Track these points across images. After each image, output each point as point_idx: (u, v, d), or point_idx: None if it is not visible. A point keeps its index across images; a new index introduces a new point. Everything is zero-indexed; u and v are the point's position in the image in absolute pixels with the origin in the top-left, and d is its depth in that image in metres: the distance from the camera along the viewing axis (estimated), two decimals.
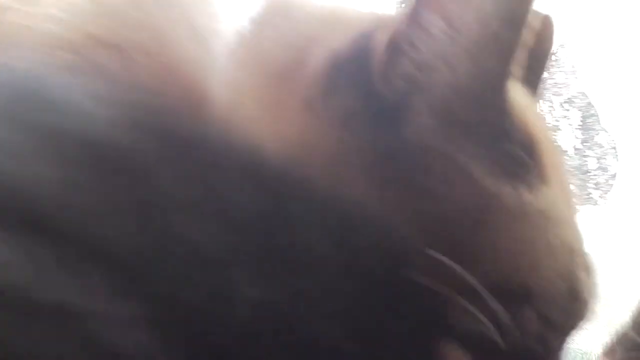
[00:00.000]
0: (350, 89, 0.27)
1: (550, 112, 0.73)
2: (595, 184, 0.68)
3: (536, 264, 0.28)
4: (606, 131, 0.68)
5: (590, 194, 0.69)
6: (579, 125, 0.70)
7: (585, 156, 0.69)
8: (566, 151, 0.72)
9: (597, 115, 0.68)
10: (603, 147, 0.68)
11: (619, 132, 0.67)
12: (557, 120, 0.72)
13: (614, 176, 0.67)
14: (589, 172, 0.69)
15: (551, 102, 0.72)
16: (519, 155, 0.27)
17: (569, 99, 0.71)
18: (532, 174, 0.28)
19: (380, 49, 0.25)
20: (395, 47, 0.26)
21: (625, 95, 0.67)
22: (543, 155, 0.29)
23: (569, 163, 0.70)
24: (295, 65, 0.28)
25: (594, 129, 0.69)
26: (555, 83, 0.73)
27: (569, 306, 0.28)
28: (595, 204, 0.69)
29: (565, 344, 0.33)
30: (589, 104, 0.69)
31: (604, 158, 0.67)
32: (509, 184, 0.27)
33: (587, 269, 0.30)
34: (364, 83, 0.26)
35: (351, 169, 0.26)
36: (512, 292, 0.27)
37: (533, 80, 0.37)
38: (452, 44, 0.26)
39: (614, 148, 0.67)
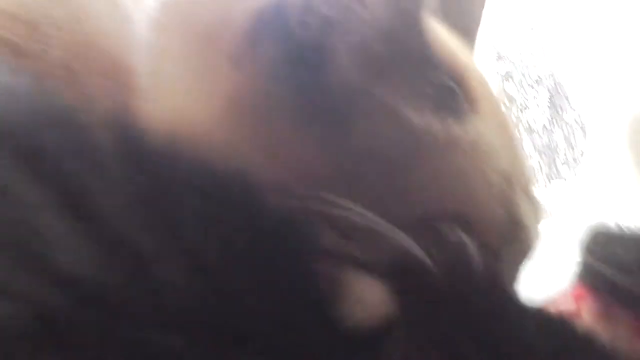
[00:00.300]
0: (273, 39, 0.27)
1: (520, 92, 0.75)
2: (564, 161, 0.70)
3: (470, 193, 0.29)
4: (574, 109, 0.70)
5: (559, 170, 0.71)
6: (548, 104, 0.72)
7: (553, 134, 0.72)
8: (535, 130, 0.74)
9: (565, 94, 0.71)
10: (571, 125, 0.70)
11: (587, 110, 0.70)
12: (526, 100, 0.75)
13: (582, 153, 0.69)
14: (558, 149, 0.71)
15: (521, 82, 0.75)
16: (447, 84, 0.28)
17: (537, 78, 0.73)
18: (461, 103, 0.29)
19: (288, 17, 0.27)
20: (285, 15, 0.27)
21: (592, 74, 0.69)
22: (472, 85, 0.30)
23: (538, 141, 0.72)
24: (221, 24, 0.28)
25: (562, 108, 0.71)
26: (525, 64, 0.75)
27: (509, 232, 0.30)
28: (565, 180, 0.71)
29: (517, 275, 0.34)
30: (557, 83, 0.71)
31: (572, 135, 0.70)
32: (437, 117, 0.28)
33: (528, 195, 0.31)
34: (285, 31, 0.27)
35: (277, 119, 0.28)
36: (448, 221, 0.28)
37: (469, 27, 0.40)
38: None
39: (582, 126, 0.69)
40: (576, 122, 0.69)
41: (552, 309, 0.30)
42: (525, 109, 0.74)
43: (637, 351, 0.29)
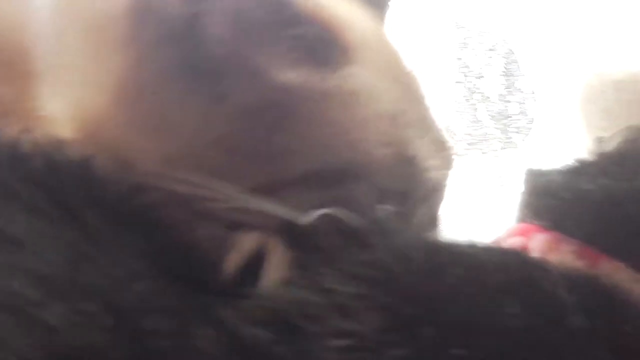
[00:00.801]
0: (153, 19, 0.28)
1: (476, 60, 0.75)
2: (517, 128, 0.71)
3: (355, 141, 0.30)
4: (526, 77, 0.71)
5: (511, 138, 0.72)
6: (502, 71, 0.72)
7: (507, 102, 0.72)
8: (490, 97, 0.74)
9: (517, 61, 0.71)
10: (523, 92, 0.71)
11: (537, 77, 0.70)
12: (481, 68, 0.75)
13: (532, 120, 0.70)
14: (511, 117, 0.72)
15: (475, 50, 0.75)
16: (319, 38, 0.30)
17: (492, 46, 0.73)
18: (336, 54, 0.31)
19: None
20: None
21: (545, 42, 0.70)
22: (348, 37, 0.31)
23: (493, 109, 0.73)
24: (108, 10, 0.29)
25: (515, 75, 0.72)
26: (481, 32, 0.75)
27: (404, 171, 0.31)
28: (517, 147, 0.72)
29: (433, 216, 0.35)
30: (510, 50, 0.72)
31: (524, 103, 0.71)
32: (311, 71, 0.30)
33: (426, 132, 0.32)
34: (164, 10, 0.28)
35: (161, 97, 0.29)
36: (337, 173, 0.29)
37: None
38: None
39: (533, 92, 0.70)
40: (528, 89, 0.70)
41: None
42: (481, 77, 0.74)
43: None
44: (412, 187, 0.32)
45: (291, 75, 0.30)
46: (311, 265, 0.26)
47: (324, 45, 0.31)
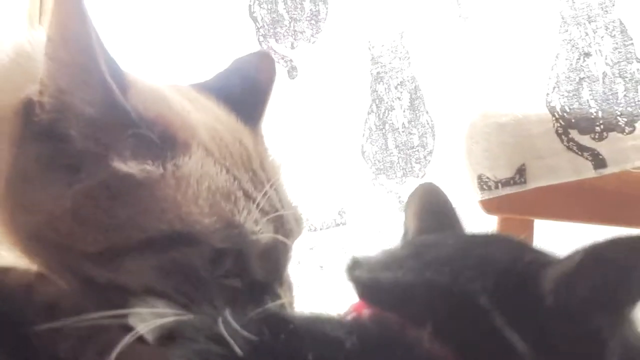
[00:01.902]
0: (31, 122, 0.39)
1: (387, 94, 0.82)
2: (417, 159, 0.78)
3: (185, 213, 0.38)
4: (428, 112, 0.77)
5: (413, 167, 0.79)
6: (408, 105, 0.79)
7: (411, 134, 0.79)
8: (398, 128, 0.81)
9: (422, 98, 0.78)
10: (425, 126, 0.77)
11: (438, 114, 0.77)
12: (392, 101, 0.81)
13: (431, 152, 0.77)
14: (413, 148, 0.79)
15: (388, 84, 0.81)
16: (150, 137, 0.39)
17: (401, 82, 0.79)
18: (172, 147, 0.39)
19: (36, 103, 0.39)
20: (35, 102, 0.39)
21: (445, 81, 0.76)
22: (183, 134, 0.41)
23: (398, 139, 0.80)
24: (6, 110, 0.40)
25: (419, 110, 0.78)
26: (393, 68, 0.81)
27: (230, 234, 0.39)
28: (417, 176, 0.79)
29: (275, 269, 0.43)
30: (417, 87, 0.78)
31: (425, 136, 0.77)
32: (148, 161, 0.39)
33: (249, 198, 0.41)
34: (36, 115, 0.39)
35: (34, 182, 0.39)
36: (171, 239, 0.37)
37: (254, 107, 0.50)
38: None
39: (432, 127, 0.76)
40: (428, 123, 0.76)
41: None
42: (392, 109, 0.81)
43: None
44: (241, 246, 0.39)
45: (131, 164, 0.38)
46: None
47: (161, 140, 0.39)
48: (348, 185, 0.86)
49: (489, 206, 0.76)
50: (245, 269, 0.41)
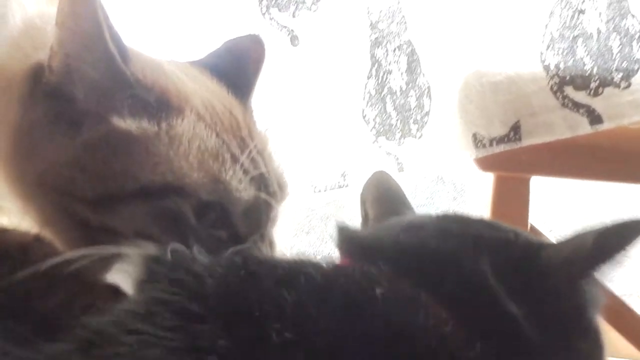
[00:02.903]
0: (40, 83, 0.43)
1: (385, 58, 0.83)
2: (414, 121, 0.79)
3: (177, 167, 0.41)
4: (424, 75, 0.78)
5: (411, 128, 0.80)
6: (405, 69, 0.80)
7: (408, 96, 0.80)
8: (396, 92, 0.82)
9: (419, 61, 0.79)
10: (421, 88, 0.79)
11: (434, 75, 0.78)
12: (390, 65, 0.83)
13: (427, 113, 0.78)
14: (411, 110, 0.80)
15: (386, 49, 0.82)
16: (147, 99, 0.41)
17: (399, 46, 0.81)
18: (166, 109, 0.42)
19: (46, 67, 0.43)
20: (45, 66, 0.43)
21: (440, 43, 0.77)
22: (176, 98, 0.44)
23: (397, 102, 0.81)
24: (14, 75, 0.44)
25: (416, 73, 0.79)
26: (390, 32, 0.82)
27: (216, 189, 0.42)
28: (415, 137, 0.80)
29: (257, 225, 0.46)
30: (413, 50, 0.79)
31: (422, 98, 0.78)
32: (144, 120, 0.42)
33: (235, 161, 0.44)
34: (46, 77, 0.43)
35: (40, 136, 0.43)
36: (162, 189, 0.40)
37: (244, 84, 0.53)
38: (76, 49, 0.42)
39: (428, 89, 0.78)
40: (425, 85, 0.78)
41: None
42: (390, 72, 0.82)
43: None
44: (225, 201, 0.43)
45: (128, 122, 0.42)
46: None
47: (157, 105, 0.43)
48: (350, 148, 0.88)
49: (484, 164, 0.77)
50: (229, 223, 0.44)
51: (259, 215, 0.47)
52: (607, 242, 0.33)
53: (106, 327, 0.26)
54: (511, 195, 0.76)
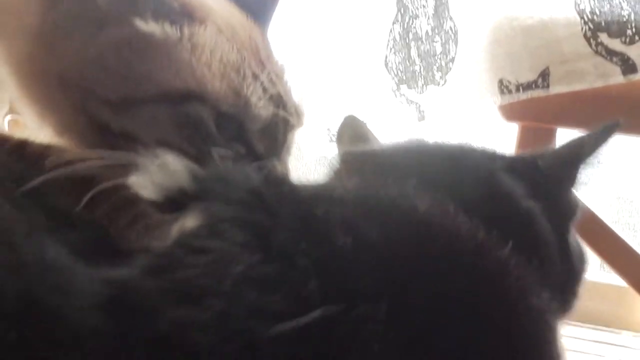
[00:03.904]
0: None
1: (412, 2, 0.80)
2: (438, 67, 0.77)
3: (199, 75, 0.41)
4: (452, 19, 0.76)
5: (434, 75, 0.78)
6: (432, 13, 0.78)
7: (434, 42, 0.78)
8: (421, 37, 0.80)
9: (447, 4, 0.76)
10: (448, 33, 0.76)
11: (462, 20, 0.75)
12: (417, 9, 0.80)
13: (453, 59, 0.75)
14: (436, 56, 0.78)
15: None
16: (171, 5, 0.41)
17: None
18: (185, 17, 0.41)
19: None
20: None
21: None
22: (199, 11, 0.43)
23: (421, 48, 0.79)
24: None
25: (443, 17, 0.77)
26: None
27: (237, 102, 0.42)
28: (438, 84, 0.78)
29: (274, 145, 0.45)
30: None
31: (447, 43, 0.76)
32: (168, 26, 0.41)
33: (264, 86, 0.43)
34: None
35: (65, 37, 0.42)
36: (183, 95, 0.39)
37: (262, 14, 0.52)
38: None
39: (455, 34, 0.75)
40: (452, 30, 0.75)
41: None
42: (416, 17, 0.79)
43: None
44: (244, 116, 0.42)
45: (151, 25, 0.41)
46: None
47: (180, 12, 0.42)
48: (370, 96, 0.86)
49: (509, 113, 0.75)
50: (246, 140, 0.43)
51: (275, 135, 0.46)
52: (584, 144, 0.40)
53: (171, 250, 0.25)
54: (536, 147, 0.73)
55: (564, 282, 0.36)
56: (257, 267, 0.24)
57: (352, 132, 0.54)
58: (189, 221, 0.28)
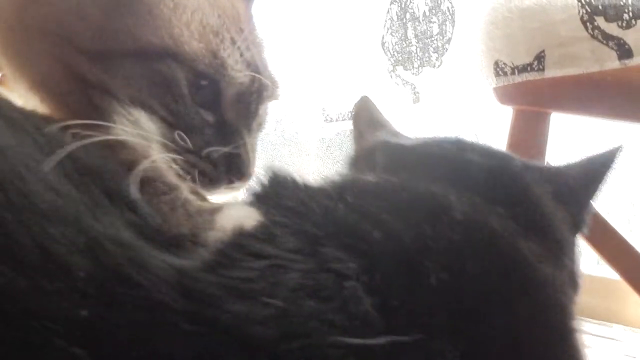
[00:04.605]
0: None
1: None
2: (435, 48, 0.76)
3: (177, 34, 0.40)
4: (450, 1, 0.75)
5: (430, 56, 0.77)
6: None
7: (431, 22, 0.77)
8: (418, 17, 0.79)
9: None
10: (445, 13, 0.75)
11: (459, 0, 0.74)
12: None
13: (449, 40, 0.75)
14: (432, 37, 0.77)
15: None
16: None
17: None
18: None
19: None
20: None
21: None
22: None
23: (418, 28, 0.78)
24: None
25: None
26: None
27: (213, 63, 0.41)
28: (434, 66, 0.77)
29: (247, 112, 0.44)
30: None
31: (444, 24, 0.75)
32: None
33: (234, 43, 0.43)
34: None
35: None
36: (160, 52, 0.39)
37: None
38: None
39: (453, 14, 0.74)
40: (449, 10, 0.74)
41: None
42: None
43: None
44: (220, 77, 0.42)
45: None
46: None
47: None
48: (366, 77, 0.86)
49: (504, 95, 0.74)
50: (218, 106, 0.43)
51: (248, 104, 0.46)
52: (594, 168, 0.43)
53: (230, 250, 0.26)
54: (530, 131, 0.73)
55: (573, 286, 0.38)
56: (311, 276, 0.25)
57: (369, 114, 0.55)
58: (247, 221, 0.30)
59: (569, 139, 0.79)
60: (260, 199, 0.32)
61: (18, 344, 0.19)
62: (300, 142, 0.93)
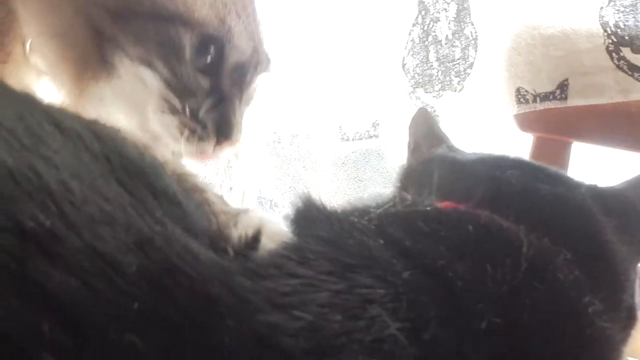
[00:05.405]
0: None
1: (434, 5, 0.80)
2: (456, 72, 0.76)
3: (192, 3, 0.43)
4: (473, 24, 0.75)
5: (452, 80, 0.77)
6: (454, 17, 0.77)
7: (454, 46, 0.77)
8: (440, 40, 0.79)
9: (469, 9, 0.75)
10: (468, 38, 0.75)
11: (483, 25, 0.74)
12: (438, 12, 0.79)
13: (471, 65, 0.74)
14: (454, 61, 0.77)
15: None
16: None
17: None
18: None
19: None
20: None
21: None
22: None
23: (440, 52, 0.78)
24: None
25: (464, 22, 0.76)
26: None
27: (221, 29, 0.44)
28: (455, 90, 0.77)
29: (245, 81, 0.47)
30: None
31: (467, 49, 0.75)
32: None
33: (239, 17, 0.46)
34: None
35: None
36: (171, 15, 0.41)
37: None
38: None
39: (476, 39, 0.74)
40: (472, 35, 0.74)
41: None
42: (437, 21, 0.79)
43: None
44: (226, 41, 0.45)
45: None
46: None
47: None
48: (385, 98, 0.86)
49: (525, 123, 0.73)
50: (218, 72, 0.47)
51: (245, 73, 0.49)
52: None
53: (267, 266, 0.27)
54: (550, 159, 0.72)
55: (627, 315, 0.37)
56: (340, 296, 0.26)
57: (427, 126, 0.55)
58: (270, 225, 0.33)
59: (589, 167, 0.78)
60: (295, 224, 0.33)
61: (71, 342, 0.20)
62: (315, 158, 0.93)
